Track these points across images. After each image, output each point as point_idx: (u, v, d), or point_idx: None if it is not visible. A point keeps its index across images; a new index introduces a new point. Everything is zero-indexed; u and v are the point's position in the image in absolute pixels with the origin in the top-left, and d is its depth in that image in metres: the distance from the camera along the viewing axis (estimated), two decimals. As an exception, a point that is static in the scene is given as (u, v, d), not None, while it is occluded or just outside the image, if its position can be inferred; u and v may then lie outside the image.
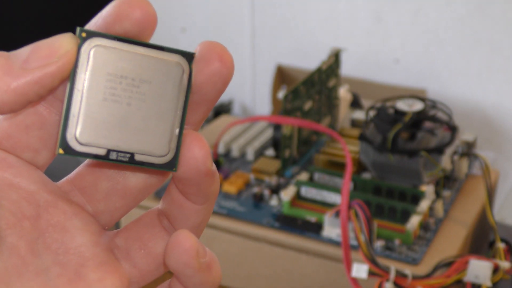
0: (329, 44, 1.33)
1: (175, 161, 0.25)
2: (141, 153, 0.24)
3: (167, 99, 0.24)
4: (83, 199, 0.26)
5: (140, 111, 0.24)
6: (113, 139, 0.24)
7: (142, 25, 0.23)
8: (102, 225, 0.26)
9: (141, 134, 0.24)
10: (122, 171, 0.26)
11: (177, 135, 0.25)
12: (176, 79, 0.24)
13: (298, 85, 0.77)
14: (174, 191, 0.26)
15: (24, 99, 0.23)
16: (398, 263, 0.65)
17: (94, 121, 0.23)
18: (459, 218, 0.73)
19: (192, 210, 0.26)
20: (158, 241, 0.27)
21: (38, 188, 0.25)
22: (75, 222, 0.25)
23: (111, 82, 0.24)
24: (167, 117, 0.24)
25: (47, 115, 0.24)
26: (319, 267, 0.68)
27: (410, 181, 0.74)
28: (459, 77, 1.37)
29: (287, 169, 0.79)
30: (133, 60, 0.24)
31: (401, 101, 0.75)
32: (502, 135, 1.36)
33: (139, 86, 0.24)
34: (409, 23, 1.38)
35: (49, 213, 0.25)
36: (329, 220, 0.68)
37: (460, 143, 0.81)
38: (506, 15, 1.29)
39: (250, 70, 1.60)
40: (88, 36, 0.23)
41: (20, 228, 0.24)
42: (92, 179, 0.26)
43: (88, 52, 0.23)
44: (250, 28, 1.56)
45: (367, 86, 1.34)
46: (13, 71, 0.22)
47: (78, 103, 0.23)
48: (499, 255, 0.67)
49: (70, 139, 0.23)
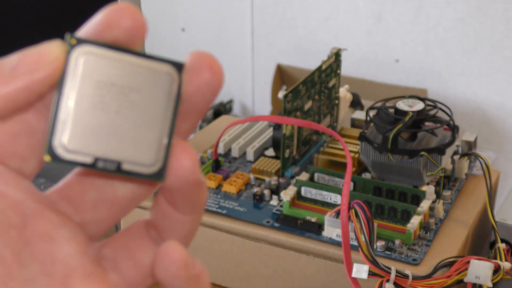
0: (329, 44, 1.33)
1: (163, 171, 0.24)
2: (128, 162, 0.24)
3: (156, 108, 0.24)
4: (70, 209, 0.26)
5: (128, 120, 0.24)
6: (101, 147, 0.24)
7: (131, 33, 0.23)
8: (89, 235, 0.26)
9: (129, 143, 0.24)
10: (110, 181, 0.26)
11: (165, 145, 0.24)
12: (166, 88, 0.24)
13: (298, 85, 0.77)
14: (162, 202, 0.26)
15: (12, 105, 0.22)
16: (399, 263, 0.65)
17: (82, 128, 0.23)
18: (459, 218, 0.73)
19: (180, 221, 0.26)
20: (145, 252, 0.27)
21: (25, 197, 0.24)
22: (62, 232, 0.25)
23: (100, 89, 0.23)
24: (155, 126, 0.24)
25: (35, 122, 0.24)
26: (319, 267, 0.68)
27: (411, 181, 0.73)
28: (459, 77, 1.37)
29: (287, 169, 0.78)
30: (123, 68, 0.24)
31: (402, 101, 0.75)
32: (502, 135, 1.35)
33: (128, 95, 0.24)
34: (409, 23, 1.38)
35: (36, 222, 0.24)
36: (329, 221, 0.67)
37: (460, 143, 0.81)
38: (507, 15, 1.29)
39: (250, 70, 1.60)
40: (78, 43, 0.23)
41: (6, 238, 0.24)
42: (79, 189, 0.26)
43: (77, 59, 0.23)
44: (250, 27, 1.56)
45: (367, 86, 1.34)
46: (2, 77, 0.22)
47: (66, 110, 0.23)
48: (500, 256, 0.67)
49: (57, 147, 0.23)
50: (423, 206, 0.70)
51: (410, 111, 0.73)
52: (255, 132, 0.87)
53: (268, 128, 0.88)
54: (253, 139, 0.86)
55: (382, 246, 0.67)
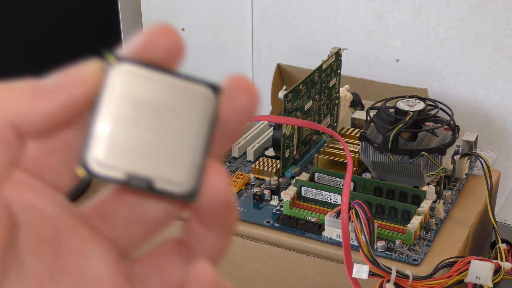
0: (330, 44, 1.33)
1: (196, 191, 0.24)
2: (161, 180, 0.24)
3: (191, 129, 0.24)
4: (103, 225, 0.26)
5: (163, 139, 0.24)
6: (135, 164, 0.24)
7: (170, 53, 0.24)
8: (121, 252, 0.26)
9: (163, 162, 0.24)
10: (142, 199, 0.26)
11: (199, 166, 0.24)
12: (202, 109, 0.24)
13: (298, 85, 0.77)
14: (193, 221, 0.26)
15: (52, 122, 0.23)
16: (399, 263, 0.65)
17: (117, 145, 0.23)
18: (460, 218, 0.73)
19: (210, 240, 0.26)
20: (175, 270, 0.27)
21: (59, 212, 0.25)
22: (94, 248, 0.25)
23: (137, 107, 0.24)
24: (190, 147, 0.24)
25: (72, 138, 0.24)
26: (320, 267, 0.68)
27: (411, 182, 0.73)
28: (460, 77, 1.37)
29: (287, 169, 0.78)
30: (160, 88, 0.24)
31: (402, 101, 0.75)
32: (503, 135, 1.35)
33: (164, 114, 0.24)
34: (410, 23, 1.38)
35: (68, 237, 0.25)
36: (330, 221, 0.67)
37: (461, 143, 0.81)
38: (507, 14, 1.29)
39: (250, 70, 1.60)
40: (117, 61, 0.23)
41: (40, 252, 0.24)
42: (113, 205, 0.26)
43: (116, 77, 0.23)
44: (250, 27, 1.56)
45: (367, 86, 1.33)
46: (42, 94, 0.23)
47: (102, 127, 0.23)
48: (501, 256, 0.67)
49: (92, 161, 0.23)
50: (423, 206, 0.69)
51: (410, 111, 0.73)
52: (255, 132, 0.87)
53: (268, 128, 0.88)
54: (253, 139, 0.86)
55: (382, 246, 0.67)
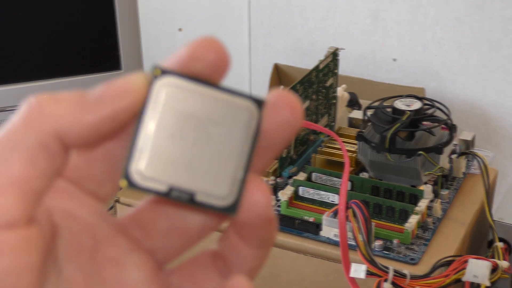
0: (327, 43, 1.33)
1: (236, 205, 0.24)
2: (202, 193, 0.24)
3: (233, 142, 0.24)
4: (141, 236, 0.26)
5: (205, 152, 0.24)
6: (176, 177, 0.24)
7: (215, 66, 0.24)
8: (158, 263, 0.26)
9: (205, 175, 0.24)
10: (181, 211, 0.26)
11: (240, 179, 0.24)
12: (245, 123, 0.24)
13: (295, 85, 0.77)
14: (232, 234, 0.26)
15: (97, 133, 0.23)
16: (397, 263, 0.65)
17: (159, 157, 0.24)
18: (457, 217, 0.73)
19: (248, 254, 0.26)
20: (211, 282, 0.27)
21: (98, 221, 0.25)
22: (132, 258, 0.25)
23: (180, 120, 0.24)
24: (232, 160, 0.24)
25: (114, 148, 0.25)
26: (317, 267, 0.68)
27: (408, 181, 0.73)
28: (457, 76, 1.37)
29: (284, 169, 0.78)
30: (204, 101, 0.24)
31: (399, 100, 0.75)
32: (500, 133, 1.35)
33: (207, 127, 0.24)
34: (407, 22, 1.38)
35: (107, 247, 0.25)
36: (327, 220, 0.67)
37: (458, 142, 0.81)
38: (504, 13, 1.29)
39: (247, 70, 1.60)
40: (162, 74, 0.23)
41: (78, 260, 0.24)
42: (151, 216, 0.26)
43: (160, 89, 0.23)
44: (247, 27, 1.56)
45: (364, 85, 1.33)
46: (87, 106, 0.23)
47: (145, 139, 0.23)
48: (498, 255, 0.67)
49: (134, 173, 0.23)
50: (421, 205, 0.69)
51: (407, 110, 0.73)
52: (253, 132, 0.87)
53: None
54: (251, 139, 0.86)
55: (380, 245, 0.67)
